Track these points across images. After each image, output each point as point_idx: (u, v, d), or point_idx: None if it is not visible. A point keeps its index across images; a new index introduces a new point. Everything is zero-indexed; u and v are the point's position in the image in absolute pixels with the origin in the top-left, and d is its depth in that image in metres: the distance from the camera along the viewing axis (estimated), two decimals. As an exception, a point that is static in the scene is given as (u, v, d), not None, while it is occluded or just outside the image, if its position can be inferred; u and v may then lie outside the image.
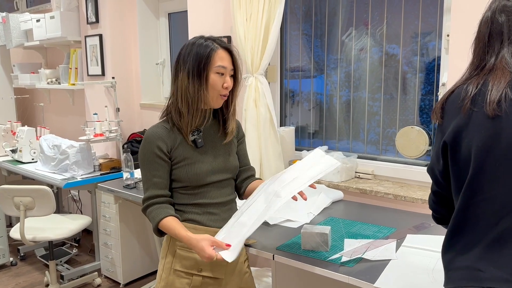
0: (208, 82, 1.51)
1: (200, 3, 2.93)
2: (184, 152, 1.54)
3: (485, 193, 1.00)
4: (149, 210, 1.56)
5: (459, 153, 1.05)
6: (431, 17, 2.27)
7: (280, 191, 1.47)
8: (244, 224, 1.45)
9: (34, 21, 3.84)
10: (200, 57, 1.50)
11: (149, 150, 1.53)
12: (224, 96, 1.56)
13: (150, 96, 3.70)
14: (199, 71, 1.50)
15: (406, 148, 2.34)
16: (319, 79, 2.76)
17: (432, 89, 2.32)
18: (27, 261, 3.67)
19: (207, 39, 1.54)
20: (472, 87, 1.05)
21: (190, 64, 1.51)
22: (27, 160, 3.54)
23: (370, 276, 1.43)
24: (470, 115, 1.04)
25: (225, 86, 1.53)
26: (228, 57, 1.55)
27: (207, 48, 1.51)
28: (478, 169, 1.01)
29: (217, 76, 1.52)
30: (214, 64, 1.51)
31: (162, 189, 1.55)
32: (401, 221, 1.96)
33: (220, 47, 1.53)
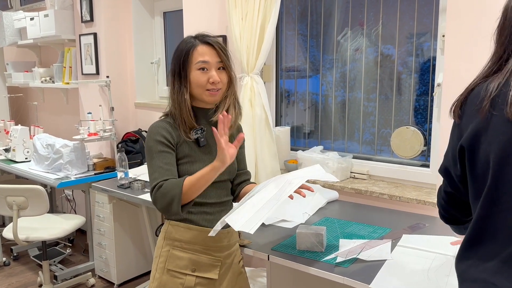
0: (189, 80, 1.49)
1: (195, 2, 2.92)
2: (187, 150, 1.53)
3: (504, 204, 0.92)
4: (162, 189, 1.43)
5: (477, 159, 0.98)
6: (426, 18, 2.27)
7: (292, 179, 1.47)
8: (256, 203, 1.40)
9: (28, 19, 3.81)
10: (180, 56, 1.50)
11: (155, 140, 1.50)
12: (212, 91, 1.51)
13: (145, 95, 3.68)
14: (179, 70, 1.50)
15: (401, 148, 2.34)
16: (314, 79, 2.76)
17: (427, 90, 2.32)
18: (20, 261, 3.64)
19: (192, 37, 1.53)
20: (492, 87, 0.96)
21: (175, 64, 1.51)
22: (20, 160, 3.51)
23: (365, 277, 1.43)
24: (489, 119, 0.95)
25: (210, 81, 1.49)
26: (210, 51, 1.50)
27: (187, 44, 1.50)
28: (497, 178, 0.93)
29: (199, 73, 1.49)
30: (194, 61, 1.49)
31: (173, 175, 1.48)
32: (396, 221, 1.96)
33: (200, 43, 1.50)
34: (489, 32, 1.85)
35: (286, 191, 1.42)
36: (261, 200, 1.40)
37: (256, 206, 1.38)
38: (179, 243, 1.56)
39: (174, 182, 1.44)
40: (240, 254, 1.74)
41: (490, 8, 1.81)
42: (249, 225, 1.32)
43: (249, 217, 1.34)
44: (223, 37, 2.79)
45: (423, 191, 2.21)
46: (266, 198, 1.41)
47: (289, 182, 1.46)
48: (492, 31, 1.04)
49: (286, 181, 1.47)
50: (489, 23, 1.82)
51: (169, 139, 1.51)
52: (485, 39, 1.84)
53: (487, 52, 1.84)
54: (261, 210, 1.36)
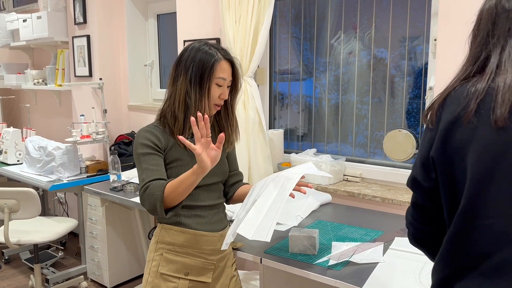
0: (209, 91, 1.52)
1: (189, 5, 2.92)
2: (177, 154, 1.54)
3: (482, 219, 0.86)
4: (147, 190, 1.44)
5: (454, 171, 0.90)
6: (419, 22, 2.29)
7: (289, 175, 1.47)
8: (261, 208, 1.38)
9: (20, 21, 3.80)
10: (203, 66, 1.50)
11: (141, 144, 1.51)
12: (218, 106, 1.57)
13: (138, 98, 3.67)
14: (202, 80, 1.50)
15: (394, 151, 2.35)
16: (308, 82, 2.77)
17: (420, 93, 2.34)
18: (11, 264, 3.61)
19: (211, 47, 1.53)
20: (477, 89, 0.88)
21: (193, 70, 1.50)
22: (12, 162, 3.49)
23: (357, 279, 1.43)
24: (472, 127, 0.87)
25: (221, 97, 1.55)
26: (229, 69, 1.55)
27: (211, 57, 1.51)
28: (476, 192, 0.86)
29: (216, 87, 1.53)
30: (216, 75, 1.51)
31: (160, 175, 1.48)
32: (388, 224, 1.97)
33: (223, 58, 1.53)
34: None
35: (287, 188, 1.42)
36: (266, 203, 1.39)
37: (262, 212, 1.37)
38: (172, 247, 1.56)
39: (157, 185, 1.43)
40: (233, 257, 1.74)
41: (481, 13, 1.82)
42: (262, 232, 1.31)
43: (259, 224, 1.34)
44: (216, 40, 2.79)
45: (415, 194, 2.22)
46: (269, 201, 1.40)
47: (288, 178, 1.46)
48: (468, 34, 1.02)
49: (284, 178, 1.46)
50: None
51: (156, 143, 1.52)
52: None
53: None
54: (269, 214, 1.36)
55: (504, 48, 0.90)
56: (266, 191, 1.44)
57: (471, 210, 0.87)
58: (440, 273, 0.95)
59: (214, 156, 1.38)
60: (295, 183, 1.43)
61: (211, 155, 1.38)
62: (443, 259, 0.94)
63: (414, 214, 1.04)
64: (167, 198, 1.42)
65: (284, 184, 1.43)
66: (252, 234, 1.31)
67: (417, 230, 1.05)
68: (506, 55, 0.89)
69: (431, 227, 1.02)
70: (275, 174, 1.53)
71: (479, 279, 0.87)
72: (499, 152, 0.84)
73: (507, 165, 0.84)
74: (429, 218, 1.01)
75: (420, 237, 1.05)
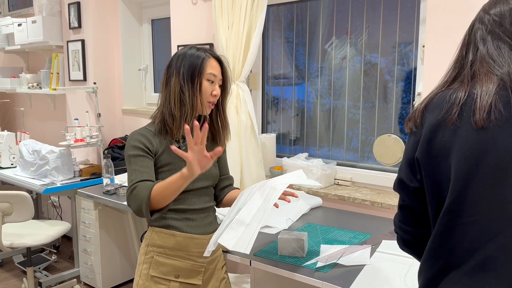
0: (201, 88, 1.55)
1: (183, 11, 2.95)
2: (169, 158, 1.56)
3: (466, 217, 0.89)
4: (134, 191, 1.46)
5: (439, 170, 0.94)
6: (410, 28, 2.32)
7: (276, 185, 1.50)
8: (245, 217, 1.41)
9: (15, 25, 3.82)
10: (193, 65, 1.55)
11: (132, 146, 1.53)
12: (212, 104, 1.61)
13: (132, 102, 3.69)
14: (193, 77, 1.55)
15: (384, 155, 2.38)
16: (301, 87, 2.80)
17: (411, 98, 2.37)
18: (4, 268, 3.61)
19: (199, 49, 1.60)
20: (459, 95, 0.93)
21: (184, 70, 1.55)
22: (6, 165, 3.50)
23: (344, 281, 1.46)
24: (455, 129, 0.92)
25: (213, 94, 1.58)
26: (218, 67, 1.60)
27: (199, 57, 1.57)
28: (460, 190, 0.90)
29: (208, 83, 1.57)
30: (206, 71, 1.56)
31: (149, 176, 1.50)
32: (377, 227, 2.00)
33: (211, 56, 1.59)
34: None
35: (271, 199, 1.45)
36: (249, 213, 1.42)
37: (245, 222, 1.40)
38: (162, 250, 1.58)
39: (144, 186, 1.45)
40: (223, 259, 1.76)
41: (467, 20, 1.86)
42: (242, 244, 1.34)
43: (240, 235, 1.37)
44: (210, 45, 2.82)
45: (404, 198, 2.25)
46: (253, 211, 1.42)
47: (274, 188, 1.48)
48: None
49: (270, 188, 1.49)
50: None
51: (147, 145, 1.54)
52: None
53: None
54: (250, 225, 1.39)
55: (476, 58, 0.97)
56: (251, 200, 1.46)
57: (455, 208, 0.90)
58: (427, 273, 0.97)
59: (205, 164, 1.38)
60: (279, 194, 1.46)
61: (203, 163, 1.37)
62: (429, 258, 0.96)
63: (402, 217, 1.07)
64: (153, 200, 1.44)
65: (269, 194, 1.46)
66: (232, 245, 1.34)
67: (405, 232, 1.07)
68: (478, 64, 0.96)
69: (419, 229, 1.04)
70: (263, 182, 1.55)
71: (465, 276, 0.89)
72: (481, 151, 0.88)
73: (488, 164, 0.88)
74: (416, 219, 1.04)
75: (409, 240, 1.07)
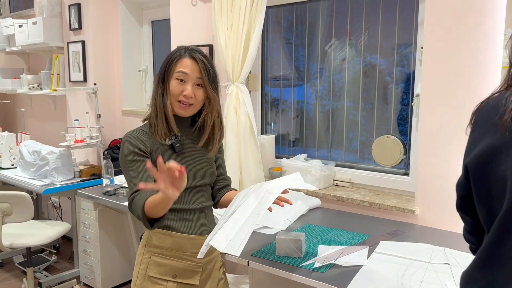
0: (168, 87, 1.53)
1: (183, 12, 2.96)
2: (163, 156, 1.56)
3: None
4: (133, 201, 1.46)
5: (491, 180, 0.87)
6: (410, 29, 2.33)
7: (271, 188, 1.50)
8: (238, 220, 1.41)
9: (16, 26, 3.83)
10: (166, 63, 1.56)
11: (129, 150, 1.53)
12: (184, 105, 1.53)
13: (132, 103, 3.71)
14: (163, 76, 1.55)
15: (382, 156, 2.39)
16: (301, 88, 2.81)
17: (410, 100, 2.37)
18: (4, 268, 3.62)
19: (181, 48, 1.57)
20: None
21: (160, 70, 1.57)
22: (6, 166, 3.51)
23: (341, 282, 1.46)
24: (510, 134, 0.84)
25: (184, 93, 1.52)
26: (193, 66, 1.53)
27: (173, 56, 1.56)
28: None
29: (176, 82, 1.52)
30: (174, 70, 1.53)
31: (146, 181, 1.48)
32: (375, 228, 2.00)
33: (187, 55, 1.53)
34: (464, 45, 1.92)
35: (266, 203, 1.45)
36: (243, 216, 1.42)
37: (237, 224, 1.40)
38: (159, 250, 1.58)
39: (138, 203, 1.43)
40: (221, 259, 1.76)
41: (465, 21, 1.87)
42: (233, 246, 1.35)
43: (232, 237, 1.37)
44: (209, 46, 2.83)
45: (402, 199, 2.26)
46: (247, 214, 1.43)
47: (269, 192, 1.49)
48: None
49: (265, 191, 1.49)
50: (464, 36, 1.89)
51: (140, 148, 1.54)
52: (460, 51, 1.90)
53: (462, 65, 1.91)
54: (243, 228, 1.39)
55: None
56: (245, 202, 1.47)
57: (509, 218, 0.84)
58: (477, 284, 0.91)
59: (179, 184, 1.29)
60: (274, 198, 1.46)
61: (176, 185, 1.28)
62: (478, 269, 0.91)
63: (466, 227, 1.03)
64: (147, 213, 1.43)
65: (264, 198, 1.46)
66: (224, 247, 1.35)
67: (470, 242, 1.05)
68: None
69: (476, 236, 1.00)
70: (259, 184, 1.56)
71: None
72: None
73: None
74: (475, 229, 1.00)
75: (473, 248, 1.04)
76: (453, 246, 1.75)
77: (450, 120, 1.96)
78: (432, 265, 1.58)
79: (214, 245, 1.36)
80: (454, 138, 1.96)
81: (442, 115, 1.99)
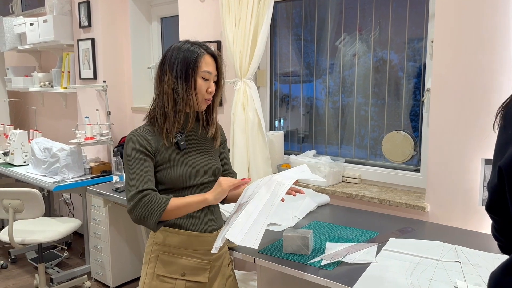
0: (196, 86, 1.54)
1: (191, 8, 2.95)
2: (168, 155, 1.55)
3: None
4: (145, 199, 1.45)
5: None
6: (421, 23, 2.28)
7: (282, 180, 1.48)
8: (252, 212, 1.40)
9: (27, 24, 3.86)
10: (187, 62, 1.52)
11: (132, 148, 1.52)
12: (208, 100, 1.59)
13: (142, 100, 3.71)
14: (187, 75, 1.53)
15: (392, 153, 2.35)
16: (311, 84, 2.78)
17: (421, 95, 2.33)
18: (17, 264, 3.67)
19: (193, 44, 1.57)
20: None
21: (178, 67, 1.53)
22: (18, 163, 3.55)
23: (349, 279, 1.44)
24: None
25: (209, 91, 1.56)
26: (213, 63, 1.58)
27: (194, 53, 1.54)
28: None
29: (202, 81, 1.55)
30: (200, 69, 1.54)
31: (152, 184, 1.50)
32: (384, 225, 1.97)
33: (206, 53, 1.56)
34: (476, 38, 1.87)
35: (279, 194, 1.43)
36: (256, 208, 1.40)
37: (252, 216, 1.38)
38: (167, 248, 1.58)
39: (159, 199, 1.46)
40: (229, 256, 1.75)
41: (477, 14, 1.83)
42: (250, 239, 1.33)
43: (248, 229, 1.35)
44: (217, 43, 2.82)
45: (413, 196, 2.23)
46: (260, 205, 1.41)
47: (280, 183, 1.47)
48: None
49: (277, 183, 1.48)
50: (476, 29, 1.84)
51: (146, 147, 1.52)
52: (471, 44, 1.86)
53: (474, 58, 1.86)
54: (258, 219, 1.37)
55: None
56: (257, 195, 1.45)
57: None
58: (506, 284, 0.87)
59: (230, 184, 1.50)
60: (286, 189, 1.45)
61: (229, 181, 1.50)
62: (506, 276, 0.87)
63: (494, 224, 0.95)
64: (165, 213, 1.45)
65: (276, 189, 1.44)
66: (240, 240, 1.33)
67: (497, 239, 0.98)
68: None
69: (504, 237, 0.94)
70: (269, 177, 1.54)
71: None
72: None
73: None
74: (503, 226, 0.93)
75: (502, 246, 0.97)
76: (464, 244, 1.72)
77: (461, 115, 1.92)
78: (442, 263, 1.55)
79: (230, 238, 1.34)
80: (466, 134, 1.92)
81: (453, 110, 1.95)
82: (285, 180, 1.48)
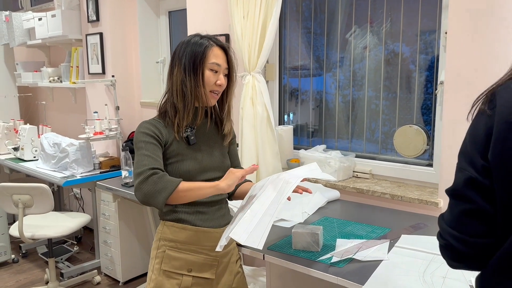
0: (203, 78, 1.52)
1: (199, 1, 2.92)
2: (177, 149, 1.53)
3: None
4: (156, 176, 1.41)
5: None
6: (434, 15, 2.23)
7: (289, 178, 1.46)
8: (257, 211, 1.38)
9: (36, 19, 3.86)
10: (195, 54, 1.51)
11: (143, 133, 1.50)
12: (216, 94, 1.56)
13: (151, 95, 3.70)
14: (195, 67, 1.51)
15: (404, 147, 2.31)
16: (321, 78, 2.74)
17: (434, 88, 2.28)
18: (28, 258, 3.69)
19: (203, 37, 1.56)
20: None
21: (186, 60, 1.51)
22: (28, 158, 3.56)
23: (360, 277, 1.41)
24: None
25: (218, 83, 1.54)
26: (223, 55, 1.56)
27: (202, 45, 1.52)
28: None
29: (211, 73, 1.53)
30: (208, 61, 1.52)
31: (162, 166, 1.48)
32: (396, 221, 1.94)
33: (215, 45, 1.54)
34: (491, 29, 1.82)
35: (285, 193, 1.41)
36: (262, 207, 1.38)
37: (257, 216, 1.36)
38: (174, 244, 1.56)
39: (171, 178, 1.45)
40: (237, 253, 1.73)
41: (491, 4, 1.77)
42: (255, 239, 1.31)
43: (253, 228, 1.33)
44: (225, 36, 2.78)
45: (426, 191, 2.18)
46: (266, 204, 1.39)
47: (287, 182, 1.45)
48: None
49: (283, 181, 1.45)
50: (490, 20, 1.79)
51: (157, 134, 1.51)
52: (486, 36, 1.80)
53: (488, 50, 1.81)
54: (263, 219, 1.35)
55: None
56: (264, 193, 1.43)
57: None
58: None
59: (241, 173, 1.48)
60: (293, 188, 1.42)
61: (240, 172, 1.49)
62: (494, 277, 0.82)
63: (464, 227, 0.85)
64: (175, 193, 1.43)
65: (282, 188, 1.42)
66: (244, 240, 1.31)
67: (465, 245, 0.86)
68: None
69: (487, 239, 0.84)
70: (276, 175, 1.52)
71: None
72: None
73: None
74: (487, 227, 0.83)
75: (467, 252, 0.86)
76: (479, 241, 1.68)
77: (476, 108, 1.87)
78: (456, 261, 1.51)
79: (234, 237, 1.32)
80: (480, 128, 1.87)
81: (466, 103, 1.89)
82: (292, 178, 1.45)
